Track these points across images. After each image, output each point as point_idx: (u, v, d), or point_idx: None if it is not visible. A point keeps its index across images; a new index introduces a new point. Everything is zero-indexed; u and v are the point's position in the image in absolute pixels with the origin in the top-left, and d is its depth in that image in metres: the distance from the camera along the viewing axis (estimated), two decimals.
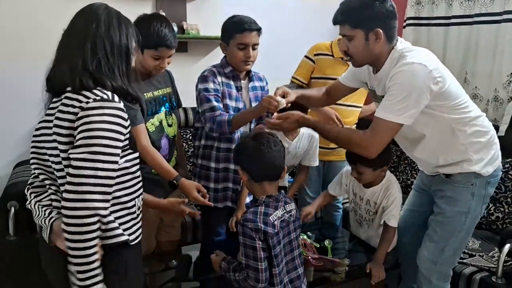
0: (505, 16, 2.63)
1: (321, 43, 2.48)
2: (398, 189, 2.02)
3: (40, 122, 1.30)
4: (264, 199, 1.55)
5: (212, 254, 1.72)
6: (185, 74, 2.84)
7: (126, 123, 1.22)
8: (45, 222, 1.27)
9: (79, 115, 1.16)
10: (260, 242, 1.46)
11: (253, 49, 1.98)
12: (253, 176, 1.57)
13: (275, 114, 1.84)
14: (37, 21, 2.66)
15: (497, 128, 2.55)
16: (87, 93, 1.19)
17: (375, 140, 1.63)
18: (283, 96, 1.86)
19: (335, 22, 1.69)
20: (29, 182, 1.37)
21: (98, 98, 1.18)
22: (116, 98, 1.23)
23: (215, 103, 1.94)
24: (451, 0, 2.98)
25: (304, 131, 2.20)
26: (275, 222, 1.50)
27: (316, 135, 2.27)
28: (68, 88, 1.21)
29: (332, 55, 2.42)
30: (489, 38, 2.75)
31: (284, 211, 1.57)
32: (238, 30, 1.94)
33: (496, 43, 2.71)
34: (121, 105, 1.22)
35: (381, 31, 1.61)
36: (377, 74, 1.73)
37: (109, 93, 1.22)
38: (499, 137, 1.83)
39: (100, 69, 1.23)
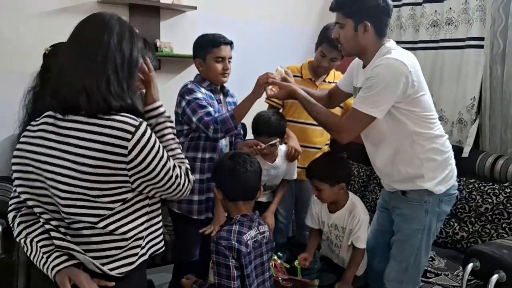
0: (468, 42, 2.74)
1: (292, 66, 2.54)
2: (363, 211, 2.02)
3: (35, 137, 1.18)
4: (239, 217, 1.55)
5: (183, 277, 1.68)
6: None
7: None
8: (43, 268, 1.17)
9: (131, 148, 1.13)
10: (234, 261, 1.46)
11: (229, 62, 2.08)
12: (227, 196, 1.58)
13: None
14: (7, 37, 2.60)
15: (461, 149, 2.63)
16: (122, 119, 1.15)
17: (347, 127, 1.72)
18: (285, 80, 1.96)
19: (331, 8, 1.77)
20: (13, 207, 1.24)
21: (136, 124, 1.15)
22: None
23: (210, 108, 1.99)
24: (418, 26, 3.09)
25: (281, 153, 2.22)
26: (248, 242, 1.51)
27: None
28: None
29: (301, 77, 2.47)
30: (453, 63, 2.85)
31: (258, 231, 1.58)
32: (214, 44, 2.04)
33: (460, 67, 2.81)
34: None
35: (369, 24, 1.67)
36: (365, 69, 1.78)
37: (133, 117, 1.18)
38: (463, 158, 1.89)
39: (109, 87, 1.15)
